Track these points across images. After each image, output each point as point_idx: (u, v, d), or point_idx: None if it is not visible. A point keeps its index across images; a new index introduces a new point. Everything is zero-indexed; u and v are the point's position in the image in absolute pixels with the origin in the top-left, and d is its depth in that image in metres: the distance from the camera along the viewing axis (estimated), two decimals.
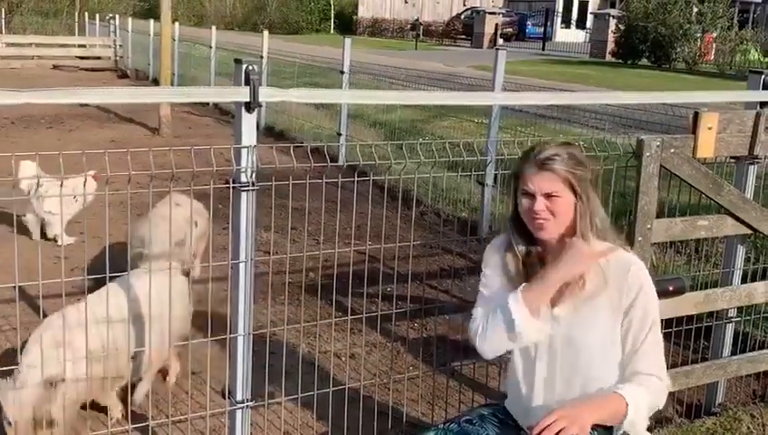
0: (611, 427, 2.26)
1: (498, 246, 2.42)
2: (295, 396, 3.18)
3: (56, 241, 5.81)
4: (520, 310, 2.23)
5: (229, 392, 2.82)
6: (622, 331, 2.26)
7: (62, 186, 2.68)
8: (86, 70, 19.93)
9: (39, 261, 2.38)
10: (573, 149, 2.29)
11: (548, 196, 2.22)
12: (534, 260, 2.33)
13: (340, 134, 9.17)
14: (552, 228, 2.25)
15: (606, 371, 2.29)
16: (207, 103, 13.13)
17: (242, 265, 2.66)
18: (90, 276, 2.72)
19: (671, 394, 3.47)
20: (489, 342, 2.30)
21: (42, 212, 5.84)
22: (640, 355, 2.25)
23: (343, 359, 4.16)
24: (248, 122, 2.57)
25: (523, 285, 2.27)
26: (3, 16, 26.55)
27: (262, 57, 11.76)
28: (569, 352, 2.30)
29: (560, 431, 2.04)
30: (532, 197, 2.24)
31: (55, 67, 19.90)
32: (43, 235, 5.98)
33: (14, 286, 2.52)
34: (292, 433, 3.45)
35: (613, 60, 30.49)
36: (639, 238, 3.04)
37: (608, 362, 2.28)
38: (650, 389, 2.23)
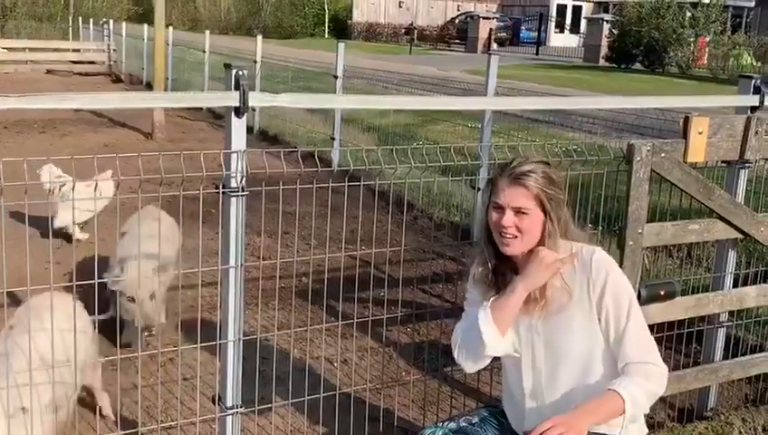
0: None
1: (475, 260, 2.42)
2: (287, 402, 3.16)
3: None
4: (488, 326, 2.23)
5: (219, 398, 2.81)
6: (602, 324, 2.24)
7: (50, 192, 2.66)
8: (80, 74, 19.93)
9: (28, 267, 2.37)
10: (549, 168, 2.28)
11: (517, 211, 2.22)
12: (506, 270, 2.33)
13: (333, 138, 9.15)
14: (518, 246, 2.25)
15: (595, 369, 2.28)
16: (201, 107, 13.11)
17: (232, 271, 2.65)
18: (78, 282, 2.71)
19: (663, 399, 3.48)
20: (464, 357, 2.33)
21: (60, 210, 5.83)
22: (627, 343, 2.22)
23: (335, 364, 4.15)
24: (238, 127, 2.56)
25: (491, 299, 2.27)
26: None
27: (256, 61, 11.77)
28: (551, 358, 2.30)
29: None
30: (501, 209, 2.24)
31: (49, 72, 19.87)
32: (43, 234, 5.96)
33: (2, 292, 2.51)
34: None
35: (607, 64, 30.58)
36: (630, 243, 3.04)
37: (594, 359, 2.27)
38: (646, 377, 2.20)
